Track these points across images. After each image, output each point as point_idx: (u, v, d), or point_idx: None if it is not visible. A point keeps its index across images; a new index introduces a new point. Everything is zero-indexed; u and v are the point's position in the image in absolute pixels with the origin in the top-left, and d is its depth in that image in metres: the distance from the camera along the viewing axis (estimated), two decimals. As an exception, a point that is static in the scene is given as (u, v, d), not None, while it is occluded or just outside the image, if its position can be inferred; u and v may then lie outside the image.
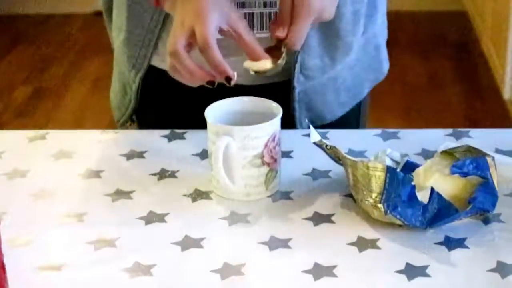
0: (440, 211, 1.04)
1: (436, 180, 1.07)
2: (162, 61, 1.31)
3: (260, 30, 1.26)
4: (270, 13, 1.25)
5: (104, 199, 1.14)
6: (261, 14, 1.25)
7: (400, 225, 1.05)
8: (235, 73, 1.10)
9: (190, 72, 1.10)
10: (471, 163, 1.06)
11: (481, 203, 1.05)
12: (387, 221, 1.05)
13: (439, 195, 1.04)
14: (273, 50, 1.13)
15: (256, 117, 1.14)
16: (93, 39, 3.99)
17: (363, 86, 1.41)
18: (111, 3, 1.38)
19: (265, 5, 1.24)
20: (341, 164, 1.12)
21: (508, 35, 3.30)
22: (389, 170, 1.04)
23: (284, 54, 1.13)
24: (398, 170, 1.07)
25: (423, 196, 1.04)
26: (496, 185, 1.07)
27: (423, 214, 1.03)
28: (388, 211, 1.03)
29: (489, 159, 1.07)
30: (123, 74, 1.38)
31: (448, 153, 1.10)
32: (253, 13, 1.25)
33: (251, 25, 1.25)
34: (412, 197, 1.04)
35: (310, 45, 1.28)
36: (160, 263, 1.01)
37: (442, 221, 1.04)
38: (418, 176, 1.08)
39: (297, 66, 1.29)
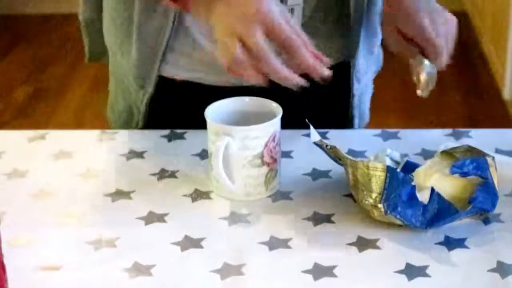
0: (440, 211, 1.04)
1: (436, 180, 1.07)
2: (172, 68, 1.30)
3: None
4: None
5: (104, 199, 1.14)
6: None
7: (400, 225, 1.05)
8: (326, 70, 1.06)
9: (275, 69, 1.04)
10: (471, 163, 1.06)
11: (481, 203, 1.05)
12: (387, 221, 1.05)
13: (439, 195, 1.04)
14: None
15: (256, 117, 1.14)
16: (93, 39, 3.99)
17: (372, 78, 1.43)
18: (94, 18, 1.37)
19: None
20: (341, 164, 1.12)
21: (508, 35, 3.30)
22: (389, 170, 1.04)
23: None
24: (398, 170, 1.07)
25: (423, 196, 1.04)
26: (496, 185, 1.07)
27: (423, 214, 1.03)
28: (388, 211, 1.03)
29: (489, 159, 1.07)
30: (130, 95, 1.35)
31: (448, 153, 1.10)
32: None
33: None
34: (412, 197, 1.04)
35: (358, 46, 1.30)
36: (160, 263, 1.01)
37: (442, 221, 1.04)
38: (418, 176, 1.08)
39: (353, 71, 1.31)
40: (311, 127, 1.13)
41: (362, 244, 1.04)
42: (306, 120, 1.13)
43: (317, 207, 1.11)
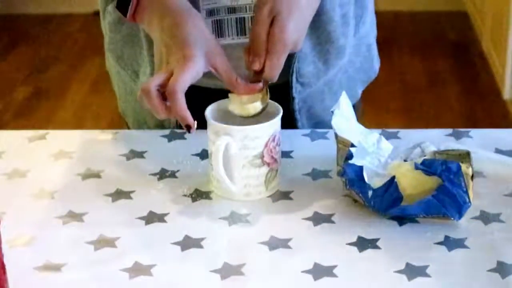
0: (395, 201, 1.05)
1: (403, 171, 1.07)
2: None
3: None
4: None
5: (104, 199, 1.14)
6: (252, 18, 1.24)
7: (400, 226, 1.05)
8: (195, 122, 1.10)
9: (156, 110, 1.10)
10: (441, 164, 1.05)
11: (438, 207, 1.04)
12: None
13: (396, 185, 1.04)
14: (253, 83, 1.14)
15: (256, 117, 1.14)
16: (93, 39, 3.99)
17: (357, 87, 1.41)
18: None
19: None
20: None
21: (508, 35, 3.30)
22: (352, 146, 1.08)
23: (268, 93, 1.14)
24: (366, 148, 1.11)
25: (379, 182, 1.06)
26: (469, 196, 1.04)
27: (381, 198, 1.05)
28: (348, 186, 1.08)
29: (466, 168, 1.05)
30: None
31: (441, 153, 1.10)
32: (244, 17, 1.24)
33: (241, 30, 1.25)
34: (360, 178, 1.07)
35: (303, 52, 1.27)
36: (160, 263, 1.01)
37: (394, 210, 1.06)
38: (392, 167, 1.09)
39: (293, 75, 1.29)
40: (344, 93, 1.16)
41: (362, 244, 1.04)
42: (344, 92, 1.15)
43: (317, 207, 1.11)
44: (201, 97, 1.24)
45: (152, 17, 1.16)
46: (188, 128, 1.10)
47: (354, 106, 1.39)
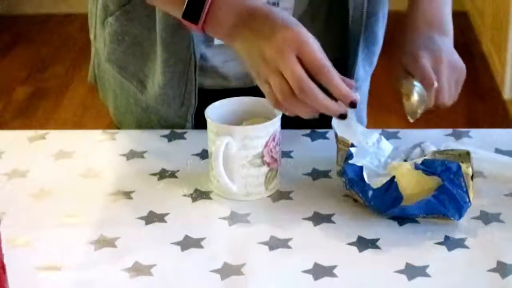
0: (395, 200, 1.05)
1: (403, 172, 1.07)
2: (206, 78, 1.28)
3: None
4: None
5: (104, 199, 1.14)
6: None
7: (400, 225, 1.05)
8: (357, 94, 1.03)
9: (328, 109, 1.00)
10: (441, 165, 1.05)
11: (438, 206, 1.04)
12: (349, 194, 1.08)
13: (396, 185, 1.04)
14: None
15: (256, 117, 1.14)
16: (93, 39, 3.99)
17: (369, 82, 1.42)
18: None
19: None
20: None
21: (508, 35, 3.30)
22: (352, 146, 1.08)
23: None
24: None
25: (379, 182, 1.06)
26: (469, 196, 1.05)
27: (374, 198, 1.05)
28: (348, 186, 1.08)
29: (465, 168, 1.06)
30: (167, 118, 1.32)
31: (441, 153, 1.11)
32: None
33: None
34: (359, 177, 1.06)
35: (357, 56, 1.28)
36: (160, 263, 1.01)
37: (395, 210, 1.05)
38: (392, 167, 1.09)
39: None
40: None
41: (362, 244, 1.04)
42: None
43: (317, 207, 1.11)
44: (201, 98, 1.25)
45: (233, 20, 1.05)
46: (354, 105, 1.01)
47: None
